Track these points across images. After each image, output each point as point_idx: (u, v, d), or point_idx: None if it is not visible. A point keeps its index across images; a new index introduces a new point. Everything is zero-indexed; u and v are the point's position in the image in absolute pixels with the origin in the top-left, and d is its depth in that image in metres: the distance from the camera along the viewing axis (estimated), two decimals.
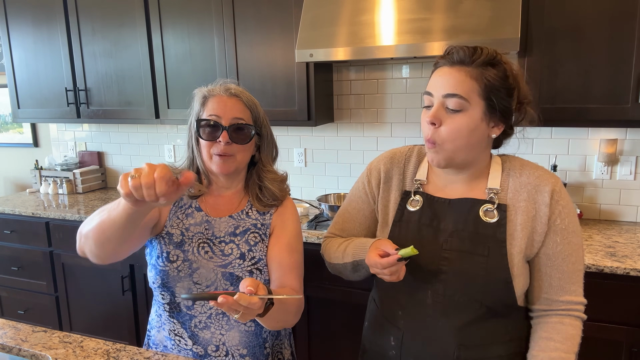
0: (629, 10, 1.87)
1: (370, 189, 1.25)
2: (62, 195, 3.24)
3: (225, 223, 1.28)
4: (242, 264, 1.23)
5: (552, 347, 1.05)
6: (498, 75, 1.03)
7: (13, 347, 1.27)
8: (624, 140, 2.28)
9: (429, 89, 1.07)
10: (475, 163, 1.10)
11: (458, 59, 1.04)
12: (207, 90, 1.27)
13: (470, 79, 1.02)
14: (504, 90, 1.04)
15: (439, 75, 1.06)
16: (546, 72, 2.01)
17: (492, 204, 1.09)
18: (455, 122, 1.03)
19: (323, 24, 2.20)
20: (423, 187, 1.17)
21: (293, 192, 2.94)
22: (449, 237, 1.10)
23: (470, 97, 1.02)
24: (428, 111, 1.07)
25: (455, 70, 1.03)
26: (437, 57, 1.10)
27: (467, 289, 1.07)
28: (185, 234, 1.26)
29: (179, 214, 1.29)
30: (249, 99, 1.27)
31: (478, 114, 1.03)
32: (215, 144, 1.22)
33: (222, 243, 1.26)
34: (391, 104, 2.63)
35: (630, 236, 2.12)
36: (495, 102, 1.03)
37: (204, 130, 1.23)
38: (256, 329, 1.26)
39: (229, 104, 1.23)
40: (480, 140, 1.07)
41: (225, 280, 1.22)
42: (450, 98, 1.02)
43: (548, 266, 1.08)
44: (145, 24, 2.68)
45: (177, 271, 1.22)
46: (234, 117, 1.22)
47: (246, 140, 1.24)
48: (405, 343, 1.14)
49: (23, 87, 3.09)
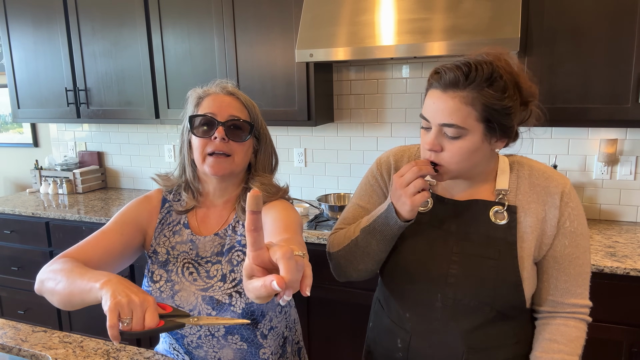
0: (629, 10, 1.87)
1: (382, 180, 1.20)
2: (62, 195, 3.24)
3: (210, 242, 1.19)
4: (222, 287, 1.14)
5: (555, 349, 1.05)
6: (496, 96, 0.96)
7: (13, 347, 1.27)
8: (624, 140, 2.28)
9: (425, 113, 1.02)
10: (483, 169, 1.09)
11: (450, 81, 0.96)
12: (203, 90, 1.20)
13: (465, 106, 0.96)
14: (503, 110, 0.97)
15: (433, 102, 1.00)
16: (546, 72, 2.01)
17: (502, 205, 1.07)
18: (455, 147, 0.99)
19: (323, 24, 2.20)
20: (432, 187, 1.14)
21: (293, 192, 2.94)
22: (459, 241, 1.08)
23: (467, 124, 0.97)
24: (427, 132, 1.03)
25: (448, 97, 0.97)
26: (431, 73, 1.02)
27: (478, 293, 1.05)
28: (170, 253, 1.20)
29: (165, 231, 1.22)
30: (247, 99, 1.21)
31: (478, 137, 0.99)
32: (209, 142, 1.13)
33: (208, 263, 1.17)
34: (391, 104, 2.63)
35: (630, 236, 2.12)
36: (495, 124, 0.98)
37: (197, 128, 1.14)
38: (249, 349, 1.18)
39: (225, 102, 1.15)
40: (484, 156, 1.04)
41: (206, 305, 1.13)
42: (447, 127, 0.98)
43: (555, 269, 1.07)
44: (145, 24, 2.68)
45: (160, 292, 1.17)
46: (230, 114, 1.14)
47: (243, 137, 1.15)
48: (412, 346, 1.13)
49: (23, 87, 3.09)
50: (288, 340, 1.28)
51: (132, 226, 1.20)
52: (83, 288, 0.91)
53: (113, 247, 1.14)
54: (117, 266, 1.16)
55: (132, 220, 1.21)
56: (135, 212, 1.23)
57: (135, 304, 0.81)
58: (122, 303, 0.80)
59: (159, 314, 0.84)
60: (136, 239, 1.20)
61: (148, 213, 1.24)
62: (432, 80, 1.02)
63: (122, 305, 0.80)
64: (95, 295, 0.88)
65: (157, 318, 0.82)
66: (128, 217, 1.21)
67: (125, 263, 1.19)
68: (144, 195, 1.27)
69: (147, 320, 0.81)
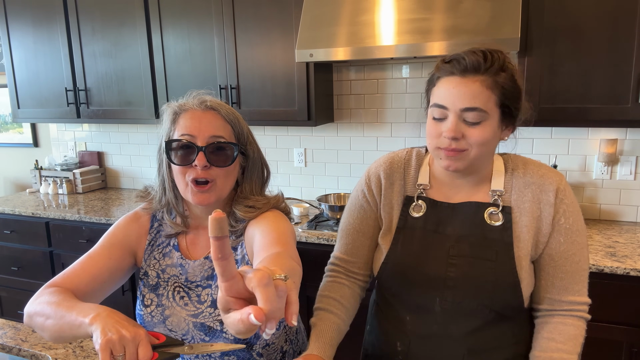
0: (629, 10, 1.87)
1: (371, 197, 1.18)
2: (62, 195, 3.24)
3: (200, 267, 1.12)
4: (212, 313, 1.08)
5: (554, 348, 1.05)
6: (510, 80, 0.99)
7: (13, 347, 1.27)
8: (624, 140, 2.28)
9: (442, 102, 1.00)
10: (484, 167, 1.08)
11: (470, 66, 0.97)
12: (178, 105, 1.08)
13: (487, 89, 0.97)
14: (517, 94, 1.01)
15: (452, 87, 0.99)
16: (546, 72, 2.01)
17: (496, 206, 1.07)
18: (477, 134, 0.98)
19: (323, 24, 2.20)
20: (426, 191, 1.13)
21: (293, 192, 2.95)
22: (455, 243, 1.07)
23: (488, 107, 0.97)
24: (439, 123, 1.01)
25: (469, 81, 0.97)
26: (440, 64, 1.03)
27: (476, 295, 1.05)
28: (161, 276, 1.14)
29: (155, 253, 1.17)
30: (229, 112, 1.07)
31: (496, 123, 1.00)
32: (190, 168, 1.03)
33: (198, 287, 1.11)
34: (391, 104, 2.63)
35: (630, 236, 2.12)
36: (511, 108, 1.00)
37: (175, 153, 1.04)
38: None
39: (204, 120, 1.04)
40: (494, 147, 1.05)
41: (198, 331, 1.09)
42: (469, 112, 0.97)
43: (551, 266, 1.07)
44: (145, 24, 2.68)
45: (151, 317, 1.13)
46: (211, 135, 1.03)
47: (228, 162, 1.05)
48: (412, 349, 1.12)
49: (23, 87, 3.09)
50: (288, 354, 1.23)
51: (121, 249, 1.14)
52: (73, 324, 0.88)
53: (101, 272, 1.08)
54: (107, 291, 1.11)
55: (120, 243, 1.14)
56: (124, 233, 1.16)
57: (126, 340, 0.79)
58: (114, 340, 0.78)
59: (152, 345, 0.83)
60: (125, 262, 1.14)
61: (137, 234, 1.17)
62: (443, 68, 1.01)
63: (113, 343, 0.78)
64: (86, 330, 0.85)
65: (150, 352, 0.80)
66: (116, 239, 1.15)
67: (116, 286, 1.13)
68: (132, 213, 1.20)
69: (141, 355, 0.79)
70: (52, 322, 0.93)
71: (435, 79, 1.04)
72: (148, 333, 0.84)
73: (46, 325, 0.94)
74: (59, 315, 0.91)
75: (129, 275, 1.17)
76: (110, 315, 0.84)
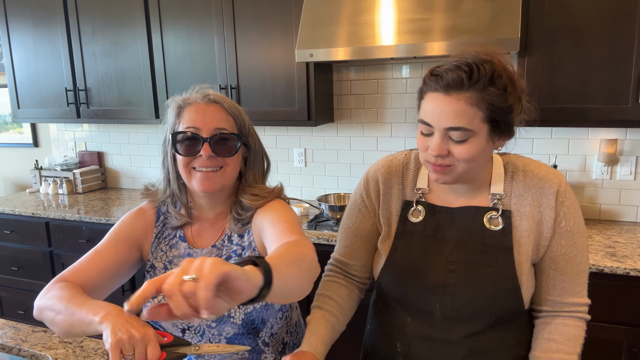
0: (629, 10, 1.87)
1: (370, 202, 1.17)
2: (62, 195, 3.24)
3: (208, 255, 1.14)
4: None
5: (554, 348, 1.04)
6: (499, 94, 0.93)
7: (13, 347, 1.27)
8: (624, 140, 2.28)
9: (426, 118, 0.97)
10: (480, 174, 1.07)
11: (453, 84, 0.93)
12: (182, 99, 1.12)
13: (472, 107, 0.93)
14: (507, 108, 0.96)
15: (436, 105, 0.95)
16: (546, 72, 2.01)
17: (496, 210, 1.06)
18: (463, 151, 0.96)
19: (323, 24, 2.20)
20: (425, 196, 1.12)
21: (293, 192, 2.95)
22: (455, 249, 1.06)
23: (474, 125, 0.94)
24: (426, 138, 0.99)
25: (452, 99, 0.93)
26: (427, 76, 0.99)
27: (476, 301, 1.04)
28: (169, 267, 1.17)
29: (162, 245, 1.19)
30: (231, 105, 1.12)
31: (484, 138, 0.97)
32: (195, 158, 1.08)
33: None
34: (391, 104, 2.63)
35: (630, 236, 2.12)
36: (500, 122, 0.96)
37: (181, 144, 1.08)
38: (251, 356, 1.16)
39: (208, 113, 1.08)
40: (487, 157, 1.03)
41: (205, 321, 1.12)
42: (453, 131, 0.94)
43: (553, 269, 1.06)
44: (145, 24, 2.68)
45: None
46: (215, 126, 1.07)
47: (232, 151, 1.09)
48: (412, 349, 1.12)
49: (23, 87, 3.09)
50: (288, 346, 1.26)
51: (128, 243, 1.17)
52: (83, 321, 0.90)
53: (108, 266, 1.11)
54: (114, 284, 1.13)
55: (127, 237, 1.17)
56: (130, 227, 1.19)
57: (136, 340, 0.81)
58: (124, 340, 0.80)
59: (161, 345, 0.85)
60: (132, 256, 1.17)
61: (143, 228, 1.20)
62: (429, 82, 0.98)
63: (123, 342, 0.80)
64: (95, 328, 0.88)
65: (159, 351, 0.83)
66: (123, 233, 1.17)
67: (123, 280, 1.16)
68: (137, 208, 1.23)
69: (150, 354, 0.81)
70: (62, 318, 0.95)
71: (423, 92, 1.01)
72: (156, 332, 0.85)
73: (57, 321, 0.96)
74: (70, 312, 0.93)
75: (135, 269, 1.20)
76: (120, 315, 0.86)
